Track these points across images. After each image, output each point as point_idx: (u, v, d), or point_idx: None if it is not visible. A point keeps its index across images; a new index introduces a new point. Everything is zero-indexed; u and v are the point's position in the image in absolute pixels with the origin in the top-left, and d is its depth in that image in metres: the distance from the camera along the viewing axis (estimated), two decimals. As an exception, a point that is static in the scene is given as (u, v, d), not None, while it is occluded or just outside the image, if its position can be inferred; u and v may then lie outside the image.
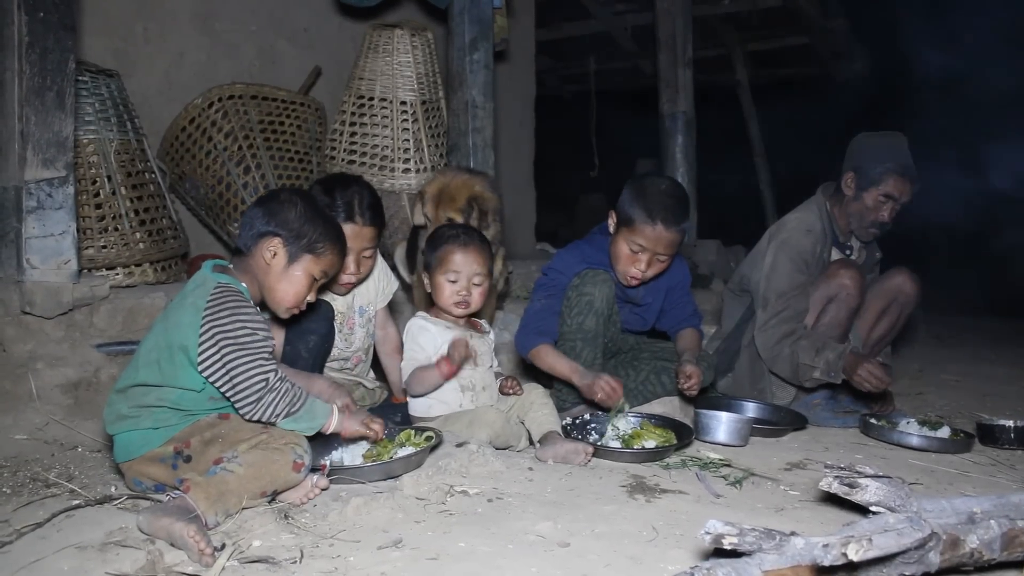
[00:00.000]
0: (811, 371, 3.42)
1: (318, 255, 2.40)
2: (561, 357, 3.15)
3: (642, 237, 3.13)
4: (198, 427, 2.22)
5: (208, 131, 4.40)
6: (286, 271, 2.37)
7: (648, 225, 3.11)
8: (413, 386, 2.89)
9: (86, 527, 1.99)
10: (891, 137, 3.66)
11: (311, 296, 2.45)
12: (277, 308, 2.39)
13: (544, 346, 3.18)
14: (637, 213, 3.12)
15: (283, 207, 2.38)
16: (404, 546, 1.94)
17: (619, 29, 8.79)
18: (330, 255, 2.43)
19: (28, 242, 3.02)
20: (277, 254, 2.36)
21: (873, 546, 1.53)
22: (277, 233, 2.36)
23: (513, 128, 6.96)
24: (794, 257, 3.56)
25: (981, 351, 6.06)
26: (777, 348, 3.51)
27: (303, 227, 2.37)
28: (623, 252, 3.20)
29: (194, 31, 5.02)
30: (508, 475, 2.53)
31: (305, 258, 2.38)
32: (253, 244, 2.37)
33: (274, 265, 2.36)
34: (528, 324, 3.27)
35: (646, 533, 2.08)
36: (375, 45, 4.51)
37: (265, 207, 2.40)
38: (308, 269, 2.39)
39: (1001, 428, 3.32)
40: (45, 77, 3.01)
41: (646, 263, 3.17)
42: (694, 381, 3.14)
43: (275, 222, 2.36)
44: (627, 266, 3.20)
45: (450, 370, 2.81)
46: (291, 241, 2.36)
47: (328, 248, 2.42)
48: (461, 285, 2.91)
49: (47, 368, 3.00)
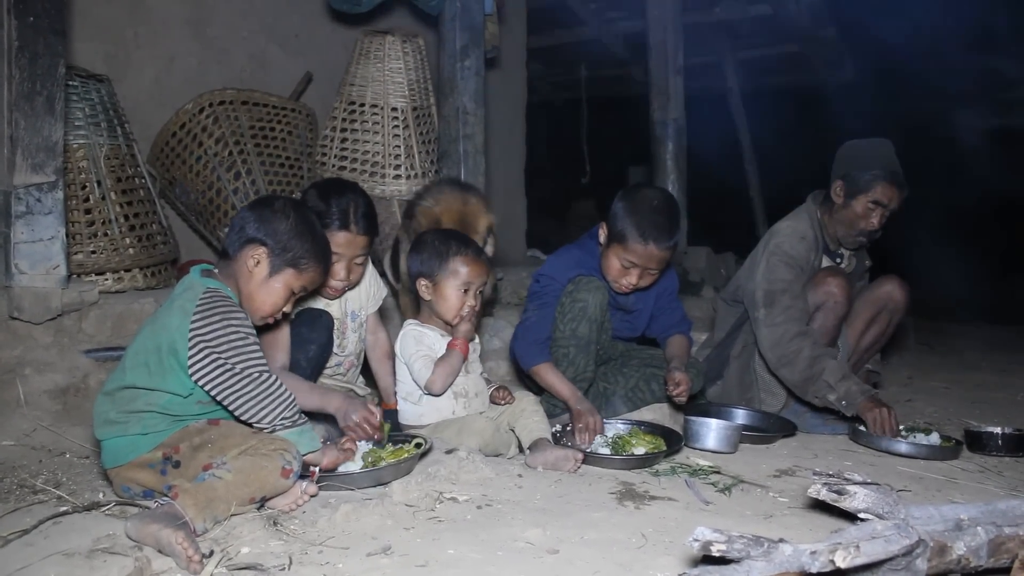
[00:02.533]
0: (827, 391, 3.35)
1: (300, 270, 2.39)
2: (562, 380, 3.16)
3: (634, 255, 3.15)
4: (187, 433, 2.21)
5: (199, 137, 4.40)
6: (266, 281, 2.36)
7: (640, 244, 3.13)
8: (440, 379, 2.85)
9: (73, 534, 1.97)
10: (878, 144, 3.66)
11: (287, 307, 2.44)
12: (252, 315, 2.38)
13: (546, 365, 3.19)
14: (629, 231, 3.14)
15: (275, 216, 2.38)
16: (393, 553, 1.94)
17: (611, 36, 8.80)
18: (312, 272, 2.43)
19: (17, 247, 3.00)
20: (260, 263, 2.35)
21: (861, 553, 1.54)
22: (264, 242, 2.35)
23: (504, 135, 6.97)
24: (788, 261, 3.56)
25: (970, 358, 6.08)
26: (791, 346, 3.42)
27: (291, 241, 2.36)
28: (614, 266, 3.22)
29: (185, 36, 5.01)
30: (498, 482, 2.52)
31: (287, 271, 2.37)
32: (239, 249, 2.36)
33: (256, 273, 2.35)
34: (527, 336, 3.26)
35: (635, 540, 2.08)
36: (366, 51, 4.52)
37: (257, 213, 2.39)
38: (288, 282, 2.38)
39: (989, 435, 3.34)
40: (35, 82, 3.00)
41: (637, 276, 3.20)
42: (683, 388, 3.15)
43: (264, 230, 2.35)
44: (618, 278, 3.23)
45: (465, 347, 2.87)
46: (276, 252, 2.35)
47: (312, 265, 2.41)
48: (471, 296, 2.92)
49: (35, 374, 2.98)
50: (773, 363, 3.53)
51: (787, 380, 3.51)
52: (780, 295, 3.51)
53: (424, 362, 2.86)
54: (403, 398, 2.98)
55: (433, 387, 2.86)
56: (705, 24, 8.26)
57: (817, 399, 3.42)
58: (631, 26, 8.32)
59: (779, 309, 3.49)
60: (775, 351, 3.49)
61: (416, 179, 4.37)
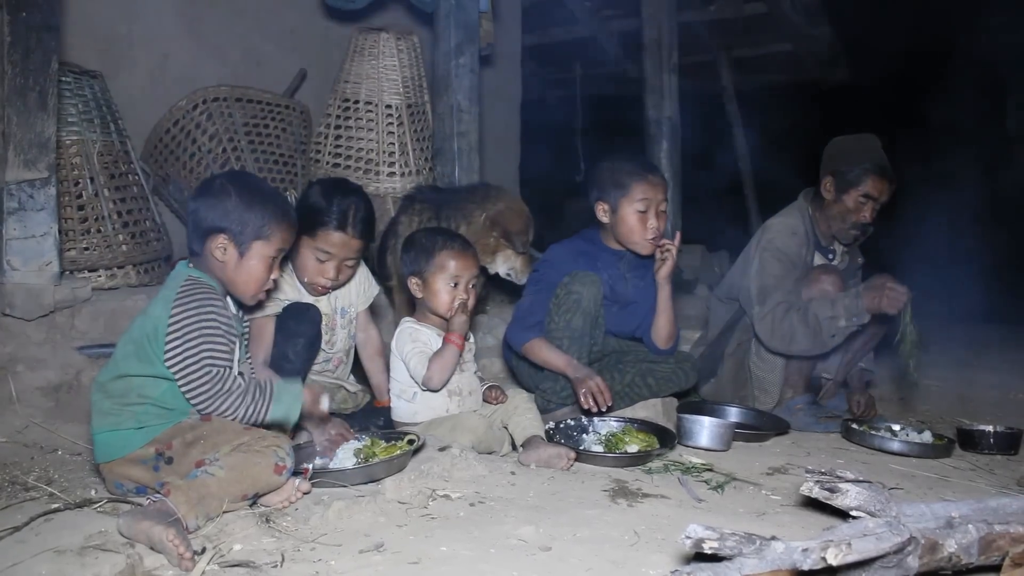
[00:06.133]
0: (835, 322, 3.40)
1: (267, 239, 2.35)
2: (555, 350, 3.17)
3: (641, 192, 3.22)
4: (180, 429, 2.21)
5: (192, 133, 4.39)
6: (240, 264, 2.34)
7: (642, 180, 3.22)
8: (437, 374, 2.84)
9: (65, 531, 1.97)
10: (865, 138, 3.69)
11: (274, 273, 2.42)
12: (243, 299, 2.38)
13: (537, 340, 3.21)
14: (625, 180, 3.23)
15: (219, 199, 2.33)
16: (386, 550, 1.94)
17: (605, 34, 8.80)
18: (279, 233, 2.38)
19: (9, 243, 3.00)
20: (227, 249, 2.32)
21: (852, 550, 1.54)
22: (221, 228, 2.32)
23: (498, 132, 6.96)
24: (781, 258, 3.58)
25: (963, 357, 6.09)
26: (783, 324, 3.47)
27: (243, 215, 2.32)
28: (631, 220, 3.25)
29: (179, 33, 5.00)
30: (490, 479, 2.53)
31: (255, 245, 2.34)
32: (202, 245, 2.34)
33: (228, 261, 2.33)
34: (520, 319, 3.30)
35: (628, 537, 2.08)
36: (361, 48, 4.51)
37: (203, 201, 2.35)
38: (262, 253, 2.35)
39: (981, 433, 3.36)
40: (27, 77, 2.99)
41: (656, 216, 3.25)
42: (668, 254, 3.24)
43: (215, 217, 2.32)
44: (642, 230, 3.26)
45: (460, 341, 2.86)
46: (236, 233, 2.32)
47: (275, 228, 2.37)
48: (461, 289, 2.92)
49: (27, 370, 2.98)
50: (779, 349, 3.57)
51: (803, 352, 3.55)
52: (773, 291, 3.53)
53: (420, 358, 2.86)
54: (397, 395, 2.98)
55: (431, 383, 2.86)
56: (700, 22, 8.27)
57: (836, 339, 3.47)
58: (626, 24, 8.31)
59: (771, 304, 3.52)
60: (774, 338, 3.53)
61: (410, 177, 4.37)
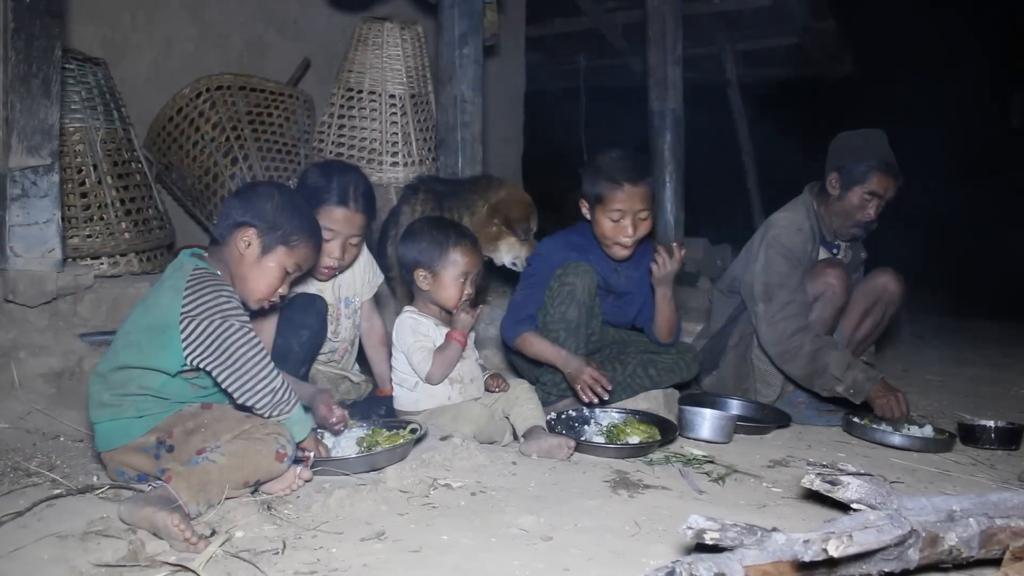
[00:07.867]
0: (834, 383, 3.37)
1: (292, 247, 2.38)
2: (547, 343, 3.18)
3: (616, 203, 3.20)
4: (181, 417, 2.21)
5: (196, 121, 4.38)
6: (259, 261, 2.36)
7: (617, 190, 3.19)
8: (439, 371, 2.88)
9: (67, 516, 1.98)
10: (872, 134, 3.66)
11: (283, 288, 2.44)
12: (248, 298, 2.37)
13: (529, 333, 3.21)
14: (602, 186, 3.22)
15: (260, 199, 2.38)
16: (387, 538, 1.94)
17: (609, 26, 8.76)
18: (304, 248, 2.42)
19: (12, 230, 3.00)
20: (251, 244, 2.34)
21: (853, 542, 1.54)
22: (252, 224, 2.35)
23: (502, 123, 6.96)
24: (786, 254, 3.56)
25: (964, 352, 6.09)
26: (792, 342, 3.44)
27: (278, 219, 2.36)
28: (606, 226, 3.25)
29: (183, 21, 4.99)
30: (492, 469, 2.53)
31: (279, 250, 2.37)
32: (228, 234, 2.36)
33: (248, 255, 2.35)
34: (513, 313, 3.30)
35: (628, 528, 2.09)
36: (365, 38, 4.50)
37: (242, 198, 2.40)
38: (281, 261, 2.38)
39: (982, 428, 3.36)
40: (31, 64, 2.99)
41: (631, 225, 3.23)
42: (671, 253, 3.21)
43: (251, 213, 2.36)
44: (615, 236, 3.25)
45: (464, 338, 2.88)
46: (266, 232, 2.35)
47: (302, 241, 2.41)
48: (470, 283, 2.94)
49: (30, 357, 2.98)
50: (776, 359, 3.55)
51: (792, 375, 3.54)
52: (778, 289, 3.51)
53: (423, 354, 2.87)
54: (399, 384, 2.99)
55: (432, 379, 2.89)
56: (704, 15, 8.24)
57: (825, 391, 3.44)
58: (630, 16, 8.28)
59: (778, 305, 3.49)
60: (776, 348, 3.50)
61: (413, 167, 4.37)
